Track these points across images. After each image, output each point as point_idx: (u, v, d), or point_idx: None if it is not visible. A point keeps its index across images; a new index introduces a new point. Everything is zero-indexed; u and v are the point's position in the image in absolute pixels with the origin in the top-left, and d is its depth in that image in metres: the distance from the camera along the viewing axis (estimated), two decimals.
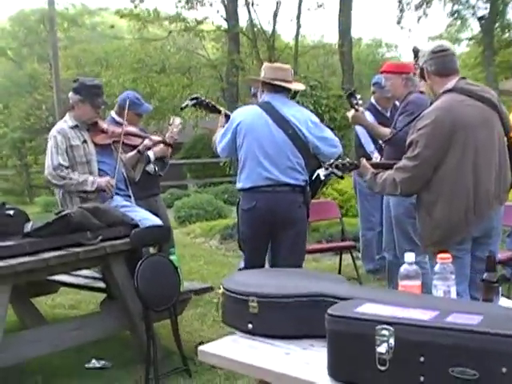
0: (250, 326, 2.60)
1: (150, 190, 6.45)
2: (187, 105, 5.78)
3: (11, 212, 5.04)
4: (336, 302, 2.41)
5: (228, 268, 8.39)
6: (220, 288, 2.80)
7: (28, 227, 4.47)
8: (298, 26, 24.48)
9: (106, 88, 25.63)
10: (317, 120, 5.07)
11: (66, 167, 5.20)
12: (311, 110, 5.71)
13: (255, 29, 23.31)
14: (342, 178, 4.60)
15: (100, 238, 4.44)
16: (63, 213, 4.37)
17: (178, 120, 6.13)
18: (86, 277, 5.68)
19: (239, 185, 4.99)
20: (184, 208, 12.87)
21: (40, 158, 30.05)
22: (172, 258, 4.74)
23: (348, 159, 4.46)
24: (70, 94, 5.48)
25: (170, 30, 24.02)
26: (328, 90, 11.74)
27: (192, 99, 5.66)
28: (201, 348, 2.56)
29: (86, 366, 4.90)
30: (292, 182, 4.85)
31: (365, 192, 7.16)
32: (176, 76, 23.86)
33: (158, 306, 4.47)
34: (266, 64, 5.31)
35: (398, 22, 28.72)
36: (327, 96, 11.30)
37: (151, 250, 5.06)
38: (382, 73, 5.76)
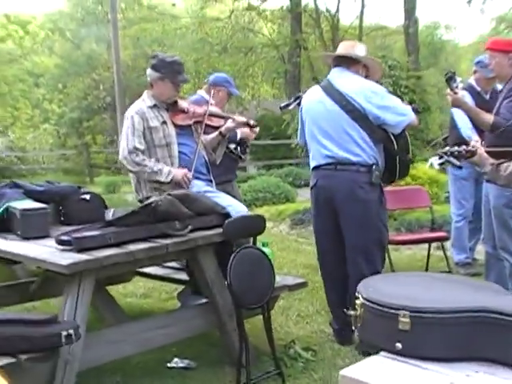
0: (398, 345, 2.17)
1: (228, 174, 6.07)
2: (289, 104, 5.49)
3: (87, 196, 4.76)
4: (502, 319, 1.99)
5: (304, 256, 8.00)
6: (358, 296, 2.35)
7: (109, 215, 4.11)
8: (363, 5, 23.85)
9: None
10: (379, 89, 4.78)
11: (142, 151, 4.81)
12: (390, 92, 5.33)
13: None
14: (460, 167, 4.15)
15: (189, 228, 4.04)
16: (149, 200, 3.98)
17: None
18: (166, 266, 5.30)
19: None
20: (250, 191, 12.43)
21: (97, 138, 30.21)
22: (265, 250, 4.31)
23: (464, 146, 4.02)
24: (149, 71, 5.08)
25: (233, 9, 23.58)
26: (407, 70, 11.20)
27: (296, 99, 5.33)
28: (342, 372, 2.13)
29: (169, 365, 4.54)
30: (353, 158, 4.65)
31: (458, 175, 6.68)
32: (239, 56, 23.45)
33: (251, 304, 4.05)
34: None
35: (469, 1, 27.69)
36: (406, 77, 10.76)
37: None
38: (486, 49, 5.22)
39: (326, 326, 5.25)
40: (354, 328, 2.42)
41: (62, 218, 4.77)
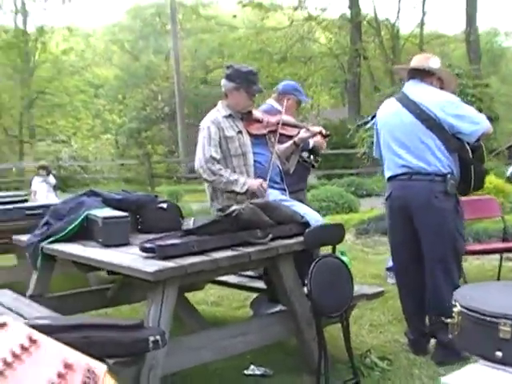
0: (498, 353, 2.15)
1: (301, 183, 6.07)
2: (366, 122, 5.53)
3: (164, 205, 4.82)
4: None
5: (371, 265, 7.97)
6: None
7: (190, 224, 4.15)
8: (423, 13, 23.68)
9: None
10: (453, 98, 4.77)
11: (218, 161, 4.86)
12: None
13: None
14: None
15: (270, 236, 4.06)
16: (231, 209, 4.01)
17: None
18: (240, 275, 5.33)
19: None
20: (313, 200, 12.41)
21: (157, 148, 30.58)
22: (344, 259, 4.31)
23: None
24: (223, 82, 5.12)
25: (292, 20, 23.63)
26: (473, 78, 11.06)
27: (373, 117, 5.33)
28: (444, 380, 2.11)
29: (245, 372, 4.55)
30: (428, 167, 4.62)
31: None
32: (299, 65, 23.49)
33: (330, 312, 4.06)
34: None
35: None
36: (473, 85, 10.63)
37: None
38: None
39: (399, 336, 5.20)
40: (449, 335, 2.40)
41: (140, 227, 4.85)
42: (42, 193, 13.28)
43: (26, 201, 7.81)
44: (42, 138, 34.60)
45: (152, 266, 3.52)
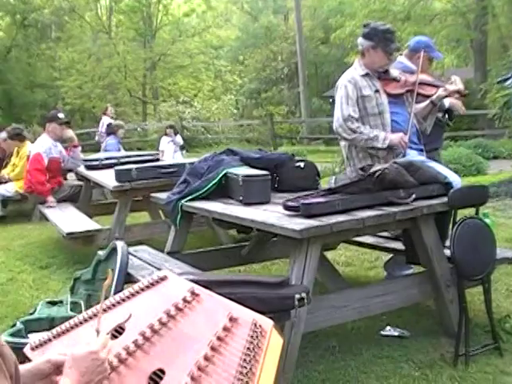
0: None
1: (436, 143, 5.93)
2: (507, 79, 5.31)
3: (301, 164, 4.80)
4: None
5: (503, 229, 7.74)
6: None
7: (331, 183, 4.15)
8: None
9: (350, 38, 25.36)
10: None
11: (357, 119, 4.82)
12: None
13: None
14: None
15: (413, 196, 3.99)
16: (375, 168, 3.98)
17: (458, 78, 5.52)
18: (375, 235, 5.29)
19: None
20: None
21: (277, 109, 30.64)
22: (487, 221, 4.19)
23: None
24: (360, 40, 5.06)
25: None
26: None
27: None
28: None
29: (382, 332, 4.53)
30: None
31: None
32: (423, 24, 22.85)
33: (473, 275, 3.99)
34: None
35: None
36: None
37: None
38: None
39: None
40: None
41: (276, 185, 4.86)
42: (169, 153, 13.62)
43: (158, 160, 8.03)
44: (164, 99, 35.35)
45: (298, 224, 3.53)
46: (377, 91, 4.95)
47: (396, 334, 4.48)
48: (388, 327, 4.55)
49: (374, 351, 4.24)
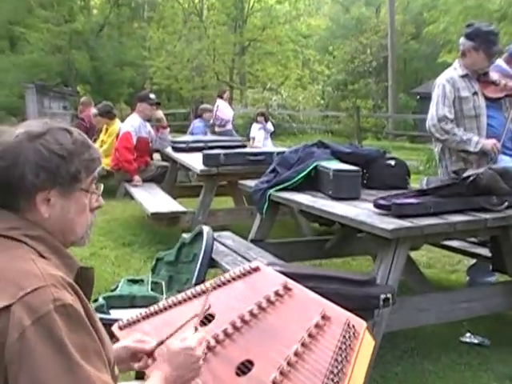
0: None
1: None
2: None
3: (392, 162, 4.75)
4: None
5: None
6: None
7: (423, 183, 4.09)
8: None
9: (443, 34, 24.89)
10: None
11: (451, 120, 4.74)
12: None
13: None
14: None
15: (506, 204, 3.89)
16: (469, 173, 3.90)
17: None
18: (462, 239, 5.19)
19: None
20: None
21: (364, 102, 30.33)
22: None
23: None
24: (462, 40, 4.98)
25: None
26: None
27: None
28: None
29: (462, 339, 4.45)
30: None
31: None
32: None
33: None
34: None
35: None
36: None
37: None
38: None
39: None
40: None
41: (365, 182, 4.82)
42: (260, 139, 13.61)
43: (244, 146, 8.05)
44: (251, 85, 35.42)
45: (389, 223, 3.50)
46: (475, 93, 4.86)
47: (476, 341, 4.40)
48: (468, 334, 4.47)
49: (453, 357, 4.18)
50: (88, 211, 1.72)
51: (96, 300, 4.67)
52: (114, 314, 4.31)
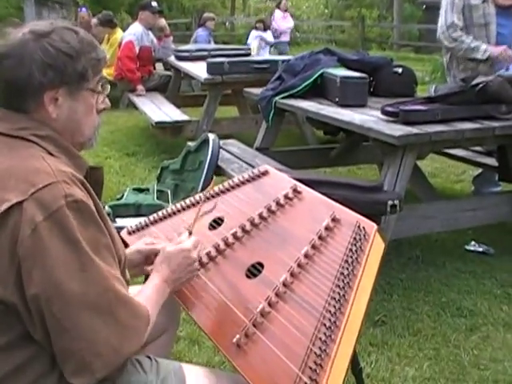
0: None
1: None
2: None
3: (399, 70, 4.68)
4: None
5: None
6: None
7: (431, 91, 4.04)
8: None
9: None
10: None
11: (461, 28, 4.65)
12: None
13: None
14: None
15: None
16: (478, 80, 3.84)
17: None
18: (467, 149, 5.16)
19: None
20: None
21: (369, 12, 29.67)
22: None
23: None
24: None
25: None
26: None
27: None
28: None
29: (467, 247, 4.48)
30: None
31: None
32: None
33: None
34: None
35: None
36: None
37: None
38: None
39: None
40: None
41: (372, 89, 4.76)
42: (254, 48, 13.28)
43: (249, 55, 7.94)
44: None
45: (397, 130, 3.47)
46: (485, 1, 4.75)
47: (481, 250, 4.43)
48: (473, 242, 4.49)
49: (457, 265, 4.22)
50: (95, 112, 1.69)
51: None
52: (120, 222, 4.33)
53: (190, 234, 1.96)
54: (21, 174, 1.46)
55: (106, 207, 4.65)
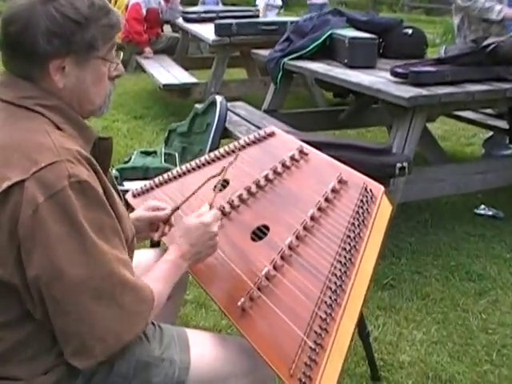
0: None
1: None
2: None
3: (409, 31, 4.61)
4: None
5: None
6: None
7: (441, 52, 3.97)
8: None
9: None
10: None
11: None
12: None
13: None
14: None
15: None
16: (489, 41, 3.77)
17: None
18: (476, 111, 5.09)
19: None
20: None
21: None
22: None
23: None
24: None
25: None
26: None
27: None
28: None
29: (476, 211, 4.44)
30: None
31: None
32: None
33: None
34: None
35: None
36: None
37: None
38: None
39: None
40: None
41: (381, 51, 4.69)
42: (260, 9, 13.00)
43: (257, 17, 7.86)
44: None
45: (406, 91, 3.41)
46: None
47: (490, 213, 4.39)
48: (483, 206, 4.46)
49: (467, 229, 4.19)
50: (107, 80, 1.62)
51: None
52: (128, 185, 4.31)
53: (211, 206, 1.91)
54: (24, 150, 1.41)
55: (114, 170, 4.63)
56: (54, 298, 1.39)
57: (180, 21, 8.38)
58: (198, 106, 4.92)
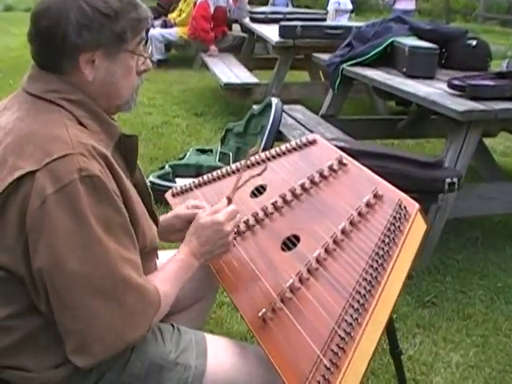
0: None
1: None
2: None
3: (474, 42, 4.49)
4: None
5: None
6: None
7: (503, 66, 3.86)
8: None
9: None
10: None
11: None
12: None
13: None
14: None
15: None
16: None
17: None
18: None
19: None
20: None
21: None
22: None
23: None
24: None
25: None
26: None
27: None
28: None
29: None
30: None
31: None
32: None
33: None
34: None
35: None
36: None
37: None
38: None
39: None
40: None
41: (443, 61, 4.59)
42: (331, 14, 12.94)
43: (324, 20, 7.81)
44: None
45: (461, 105, 3.33)
46: None
47: None
48: None
49: None
50: (134, 74, 1.62)
51: (163, 167, 4.69)
52: (180, 182, 4.31)
53: (230, 201, 1.89)
54: (39, 141, 1.41)
55: (167, 166, 4.65)
56: (56, 290, 1.38)
57: (247, 20, 8.38)
58: (254, 106, 4.91)
